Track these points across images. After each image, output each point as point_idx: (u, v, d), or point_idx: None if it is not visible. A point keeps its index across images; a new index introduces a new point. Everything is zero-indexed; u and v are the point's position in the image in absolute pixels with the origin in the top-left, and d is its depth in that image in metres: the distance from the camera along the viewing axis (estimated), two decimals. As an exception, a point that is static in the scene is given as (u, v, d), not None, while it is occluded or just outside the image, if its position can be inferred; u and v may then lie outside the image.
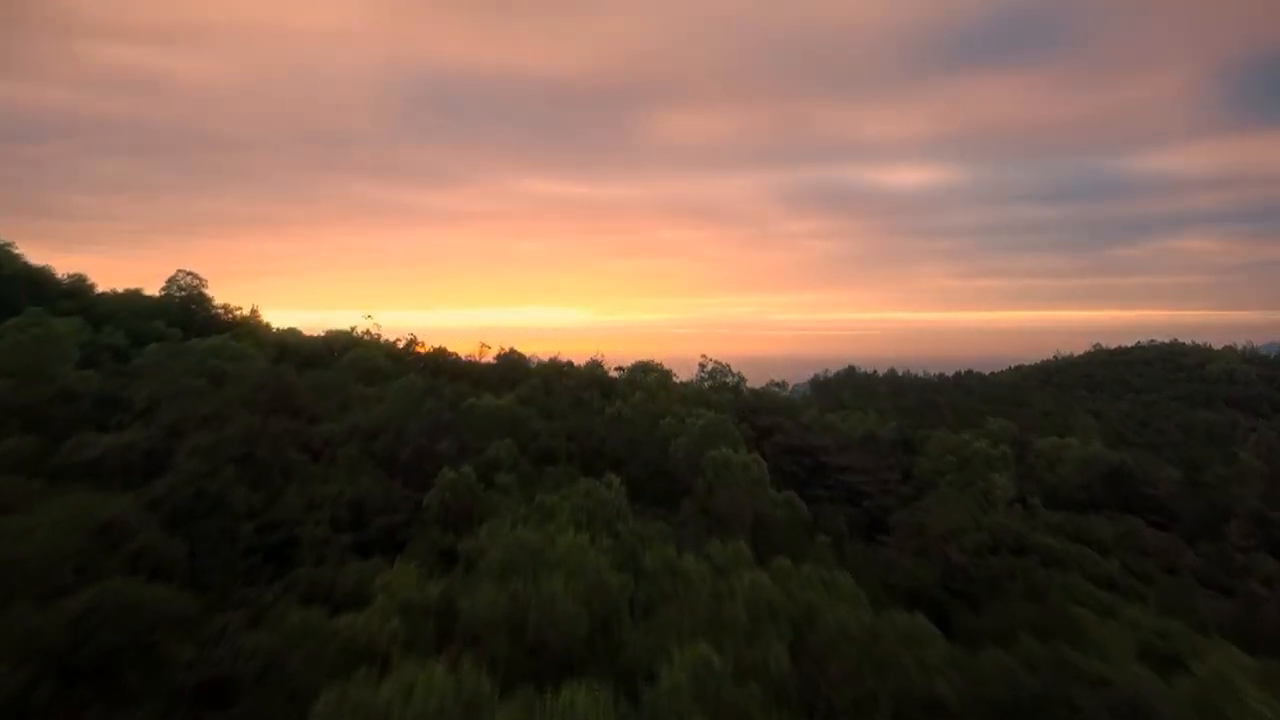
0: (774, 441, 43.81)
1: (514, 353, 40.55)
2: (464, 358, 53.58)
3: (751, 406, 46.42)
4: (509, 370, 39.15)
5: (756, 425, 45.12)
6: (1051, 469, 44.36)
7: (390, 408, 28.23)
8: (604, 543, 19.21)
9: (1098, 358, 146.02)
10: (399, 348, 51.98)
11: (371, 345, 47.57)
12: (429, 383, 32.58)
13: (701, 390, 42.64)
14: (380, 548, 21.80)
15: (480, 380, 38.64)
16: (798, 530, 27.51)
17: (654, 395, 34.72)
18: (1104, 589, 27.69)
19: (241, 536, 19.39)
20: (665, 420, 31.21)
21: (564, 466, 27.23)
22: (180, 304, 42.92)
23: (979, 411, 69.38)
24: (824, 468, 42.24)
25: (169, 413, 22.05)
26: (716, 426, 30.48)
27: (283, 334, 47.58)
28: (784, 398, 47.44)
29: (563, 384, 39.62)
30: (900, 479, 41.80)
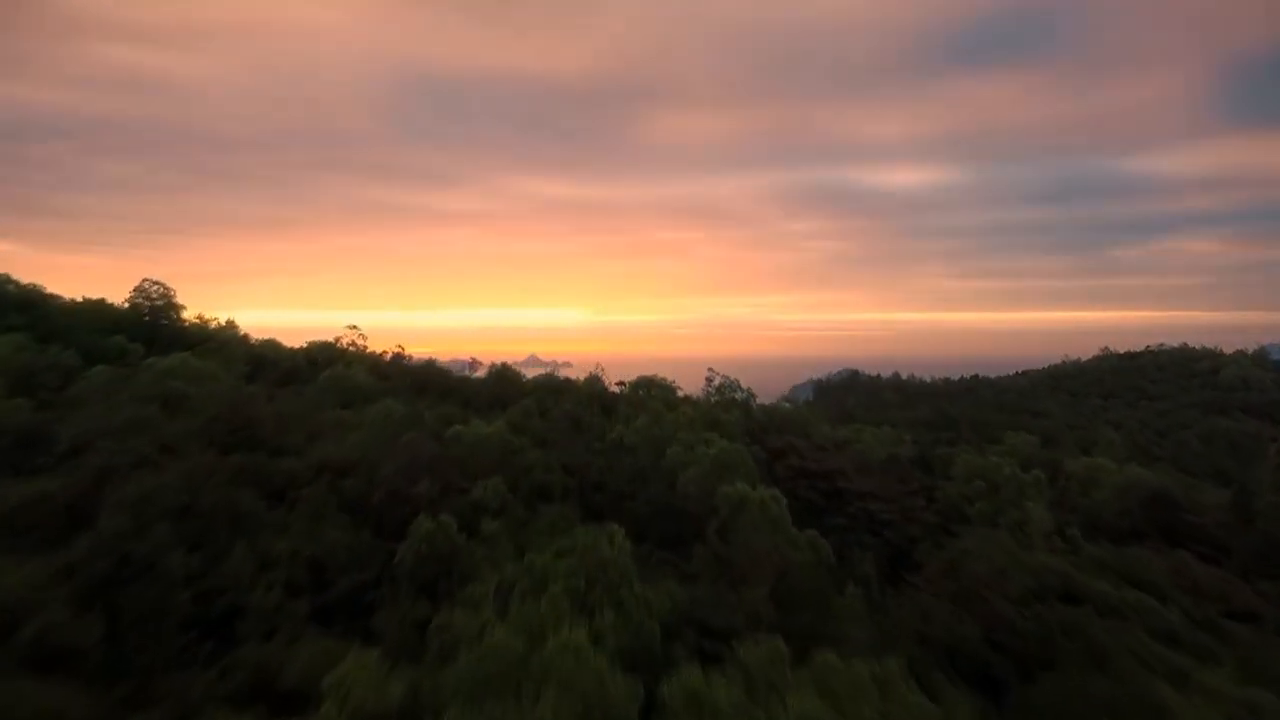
0: (788, 465, 40.79)
1: (506, 368, 37.42)
2: (455, 364, 50.55)
3: (762, 425, 43.37)
4: (501, 388, 36.07)
5: (768, 447, 42.08)
6: (1085, 493, 41.36)
7: (365, 438, 25.17)
8: (606, 618, 16.21)
9: (1107, 362, 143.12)
10: (386, 360, 48.95)
11: (355, 358, 44.49)
12: (410, 408, 29.51)
13: (709, 408, 39.58)
14: (344, 613, 18.75)
15: (470, 399, 35.56)
16: (823, 579, 24.48)
17: (659, 418, 31.67)
18: (1169, 645, 24.60)
19: (175, 608, 16.32)
20: (672, 449, 28.16)
21: (560, 507, 24.17)
22: (147, 316, 39.71)
23: (997, 424, 66.30)
24: (842, 494, 39.18)
25: (101, 453, 19.00)
26: (730, 457, 27.41)
27: (260, 347, 44.46)
28: (797, 415, 44.36)
29: (560, 403, 36.57)
30: (924, 504, 38.74)
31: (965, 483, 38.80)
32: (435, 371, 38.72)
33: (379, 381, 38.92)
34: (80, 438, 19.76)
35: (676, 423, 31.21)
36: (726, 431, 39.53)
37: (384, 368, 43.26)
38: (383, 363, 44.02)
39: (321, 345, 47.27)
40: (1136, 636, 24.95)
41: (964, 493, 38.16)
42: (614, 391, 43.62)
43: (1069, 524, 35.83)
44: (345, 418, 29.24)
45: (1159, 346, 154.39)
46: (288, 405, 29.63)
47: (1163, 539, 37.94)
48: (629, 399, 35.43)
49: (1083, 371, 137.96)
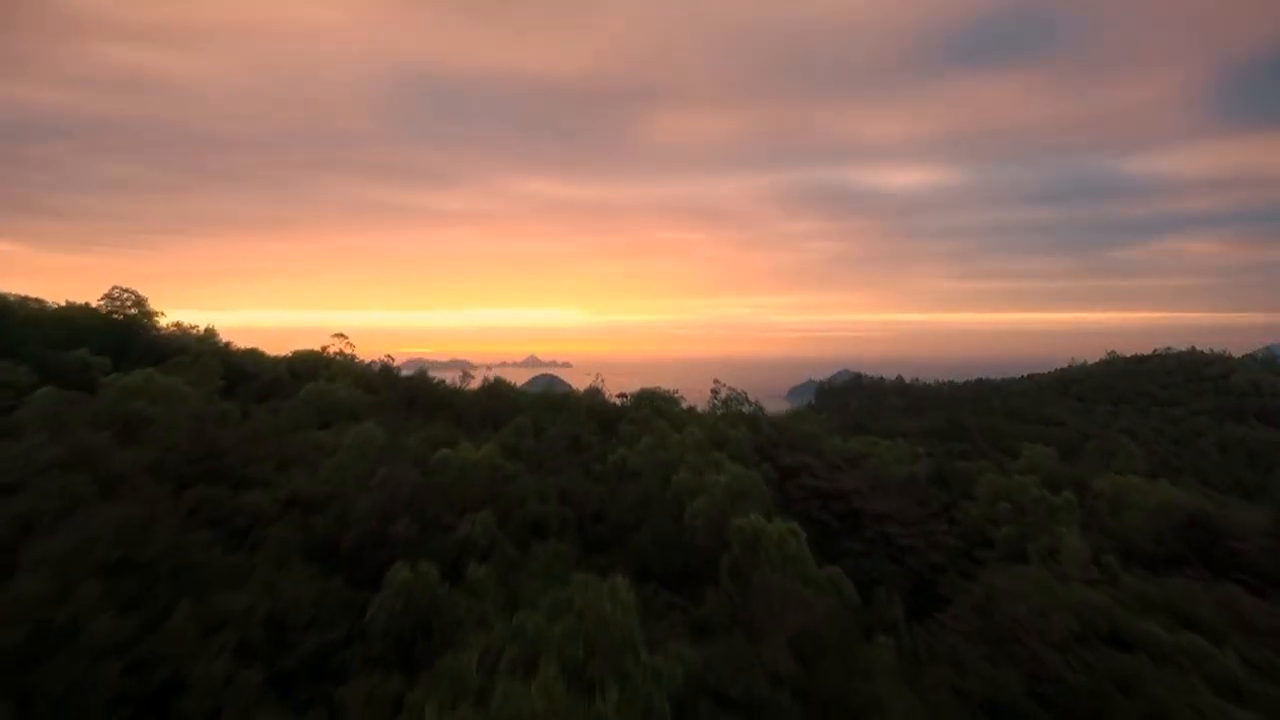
0: (800, 484, 38.42)
1: (500, 382, 35.00)
2: (453, 365, 48.14)
3: (772, 441, 40.97)
4: (493, 404, 33.65)
5: (779, 465, 39.75)
6: (1115, 514, 39.01)
7: (340, 468, 22.77)
8: (609, 698, 13.86)
9: (1115, 366, 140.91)
10: (374, 370, 46.49)
11: (341, 369, 42.12)
12: (393, 430, 27.10)
13: (715, 422, 37.16)
14: (307, 680, 16.36)
15: (462, 415, 33.15)
16: (849, 626, 22.13)
17: (664, 439, 29.29)
18: (1234, 700, 22.33)
19: (102, 684, 13.98)
20: (679, 475, 25.78)
21: (556, 544, 21.76)
22: (120, 324, 37.31)
23: (1011, 434, 63.97)
24: (859, 516, 36.83)
25: (29, 495, 16.61)
26: (742, 484, 25.01)
27: (241, 356, 42.04)
28: (807, 429, 41.97)
29: (557, 420, 34.18)
30: (945, 528, 36.37)
31: (989, 504, 36.41)
32: (424, 384, 36.27)
33: (366, 396, 36.54)
34: (9, 475, 17.36)
35: (683, 444, 28.80)
36: (735, 449, 37.18)
37: (371, 379, 40.85)
38: (370, 374, 41.61)
39: (306, 355, 44.86)
40: (1196, 689, 22.65)
41: (988, 514, 35.77)
42: (616, 404, 41.26)
43: (1103, 551, 33.46)
44: (324, 439, 26.82)
45: (1166, 350, 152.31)
46: (262, 425, 27.21)
47: (1203, 567, 35.61)
48: (632, 416, 33.00)
49: (1090, 375, 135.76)
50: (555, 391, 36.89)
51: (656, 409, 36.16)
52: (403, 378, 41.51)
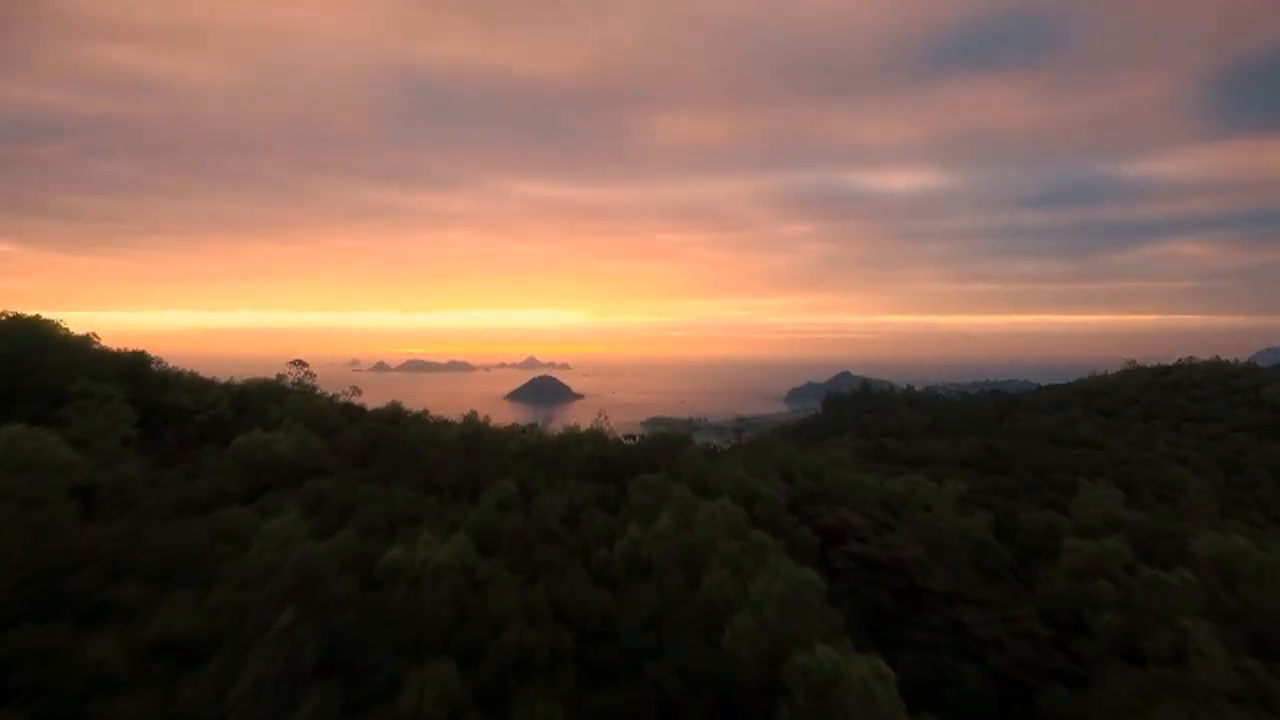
0: (845, 551, 31.94)
1: (482, 429, 28.30)
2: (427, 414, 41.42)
3: (808, 493, 34.47)
4: (473, 460, 27.00)
5: (818, 525, 33.31)
6: (1229, 588, 32.57)
7: (242, 586, 16.26)
8: None
9: (1139, 378, 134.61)
10: (337, 405, 39.73)
11: (296, 404, 35.55)
12: (340, 503, 20.65)
13: (742, 478, 30.61)
14: None
15: (432, 474, 26.52)
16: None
17: (686, 511, 22.71)
18: None
19: None
20: (712, 576, 19.31)
21: (541, 705, 15.20)
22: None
23: (1055, 466, 57.62)
24: (920, 594, 30.43)
25: None
26: (800, 595, 18.46)
27: (176, 384, 35.32)
28: (842, 472, 35.49)
29: (551, 476, 27.66)
30: (1028, 612, 29.82)
31: (1078, 578, 29.98)
32: (390, 432, 29.65)
33: (318, 441, 29.99)
34: None
35: (713, 520, 22.29)
36: (767, 507, 30.72)
37: (330, 418, 34.25)
38: (330, 411, 35.01)
39: (259, 385, 38.28)
40: None
41: (1079, 591, 29.32)
42: (624, 440, 34.78)
43: (1234, 647, 26.98)
44: (243, 524, 20.23)
45: (1189, 359, 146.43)
46: (159, 503, 20.65)
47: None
48: (645, 478, 26.39)
49: (1113, 388, 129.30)
50: (548, 435, 30.30)
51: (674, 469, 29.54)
52: (369, 416, 34.94)
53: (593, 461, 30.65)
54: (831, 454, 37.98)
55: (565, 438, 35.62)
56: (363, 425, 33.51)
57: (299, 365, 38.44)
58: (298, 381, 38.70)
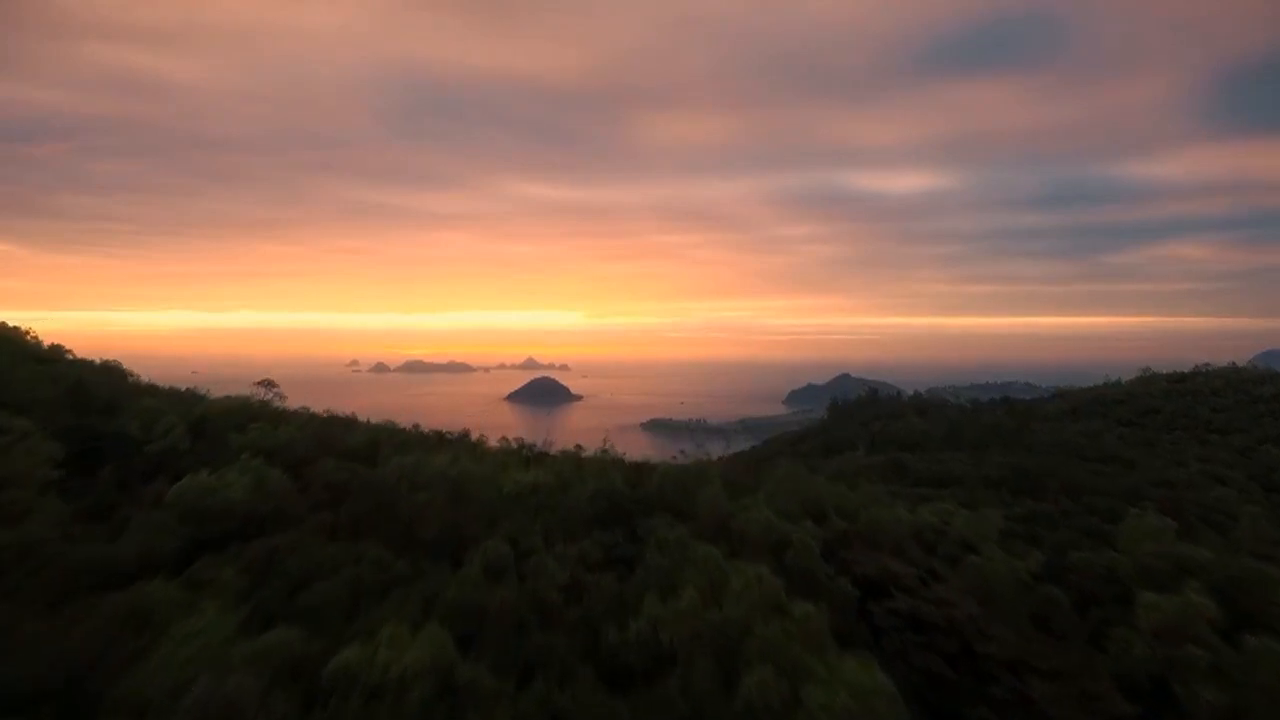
0: (891, 609, 27.97)
1: (463, 478, 24.10)
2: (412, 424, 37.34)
3: (841, 534, 30.44)
4: (458, 511, 22.82)
5: (857, 574, 29.29)
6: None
7: (138, 709, 12.33)
8: None
9: (1155, 386, 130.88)
10: (318, 419, 35.66)
11: (264, 428, 31.52)
12: (281, 585, 16.67)
13: (769, 522, 26.57)
14: None
15: (408, 527, 22.44)
16: None
17: (715, 584, 18.72)
18: None
19: None
20: (753, 676, 15.37)
21: None
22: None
23: (1091, 487, 53.66)
24: (976, 660, 26.44)
25: None
26: (868, 705, 14.49)
27: (130, 405, 31.28)
28: (884, 516, 31.47)
29: (550, 525, 23.62)
30: (1106, 682, 25.88)
31: (1157, 637, 26.03)
32: (364, 478, 25.53)
33: (284, 479, 25.94)
34: None
35: (747, 593, 18.28)
36: (801, 555, 26.72)
37: (300, 447, 30.25)
38: (300, 440, 31.01)
39: (224, 406, 34.25)
40: None
41: (1164, 656, 25.37)
42: (632, 472, 30.78)
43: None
44: (163, 600, 16.22)
45: (1206, 366, 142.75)
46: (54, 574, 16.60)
47: None
48: (660, 531, 22.32)
49: (1131, 396, 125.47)
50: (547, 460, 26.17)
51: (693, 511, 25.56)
52: (346, 447, 30.92)
53: (599, 501, 26.59)
54: (866, 489, 34.01)
55: (566, 468, 31.60)
56: (337, 458, 29.45)
57: (267, 385, 34.37)
58: (264, 402, 34.64)
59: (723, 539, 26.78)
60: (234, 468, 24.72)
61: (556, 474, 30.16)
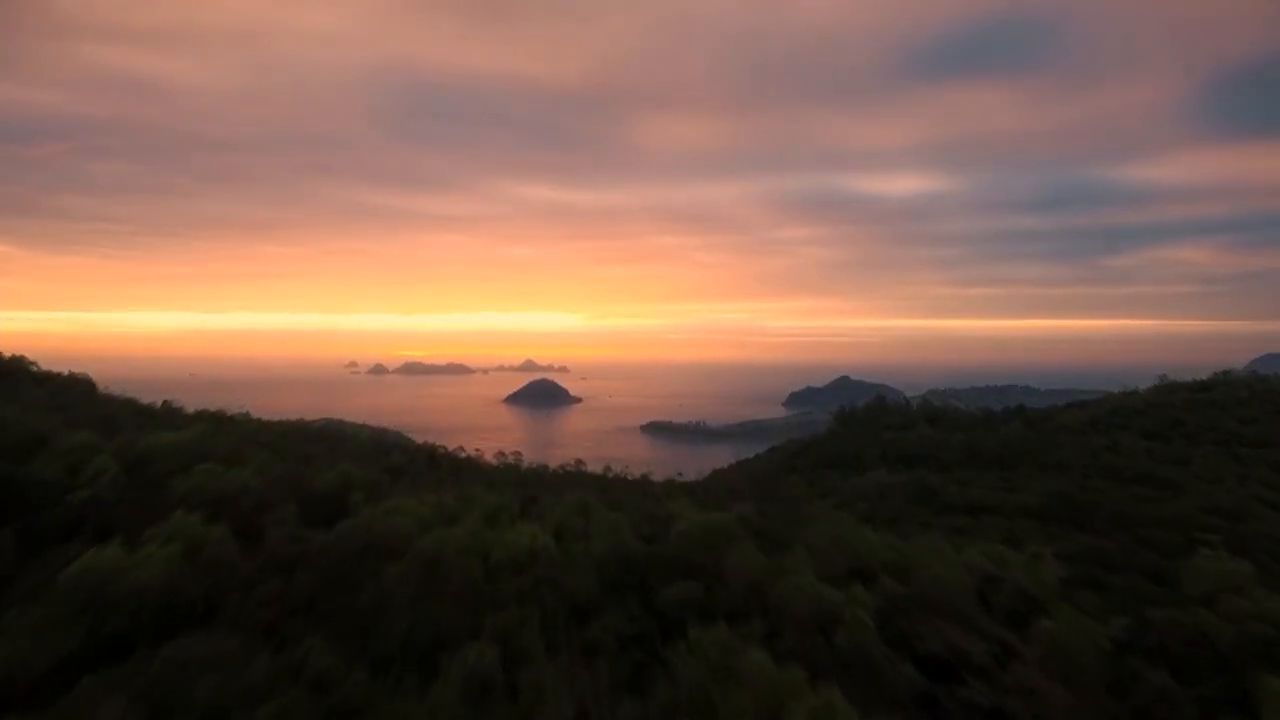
0: (965, 701, 23.36)
1: (455, 564, 19.26)
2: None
3: (895, 600, 25.82)
4: (432, 593, 18.04)
5: (920, 652, 24.72)
6: None
7: None
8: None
9: (1176, 395, 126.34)
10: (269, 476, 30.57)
11: (213, 472, 26.81)
12: None
13: (818, 596, 22.01)
14: None
15: (370, 625, 17.70)
16: None
17: (770, 709, 14.22)
18: None
19: None
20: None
21: None
22: None
23: (1138, 516, 49.09)
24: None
25: None
26: None
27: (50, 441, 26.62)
28: (947, 575, 26.78)
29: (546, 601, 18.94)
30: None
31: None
32: (317, 545, 20.78)
33: (224, 542, 21.23)
34: None
35: (772, 684, 13.61)
36: (855, 632, 22.01)
37: (255, 495, 25.57)
38: (255, 485, 26.29)
39: (171, 441, 29.50)
40: None
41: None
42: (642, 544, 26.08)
43: None
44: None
45: (1224, 374, 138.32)
46: None
47: None
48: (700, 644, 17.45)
49: (1151, 406, 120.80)
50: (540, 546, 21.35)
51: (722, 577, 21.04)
52: (311, 495, 26.22)
53: (608, 568, 21.88)
54: (921, 541, 29.35)
55: (568, 517, 26.87)
56: (300, 503, 24.76)
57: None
58: (228, 427, 29.83)
59: (757, 610, 22.26)
60: (160, 533, 19.94)
61: (557, 525, 25.42)
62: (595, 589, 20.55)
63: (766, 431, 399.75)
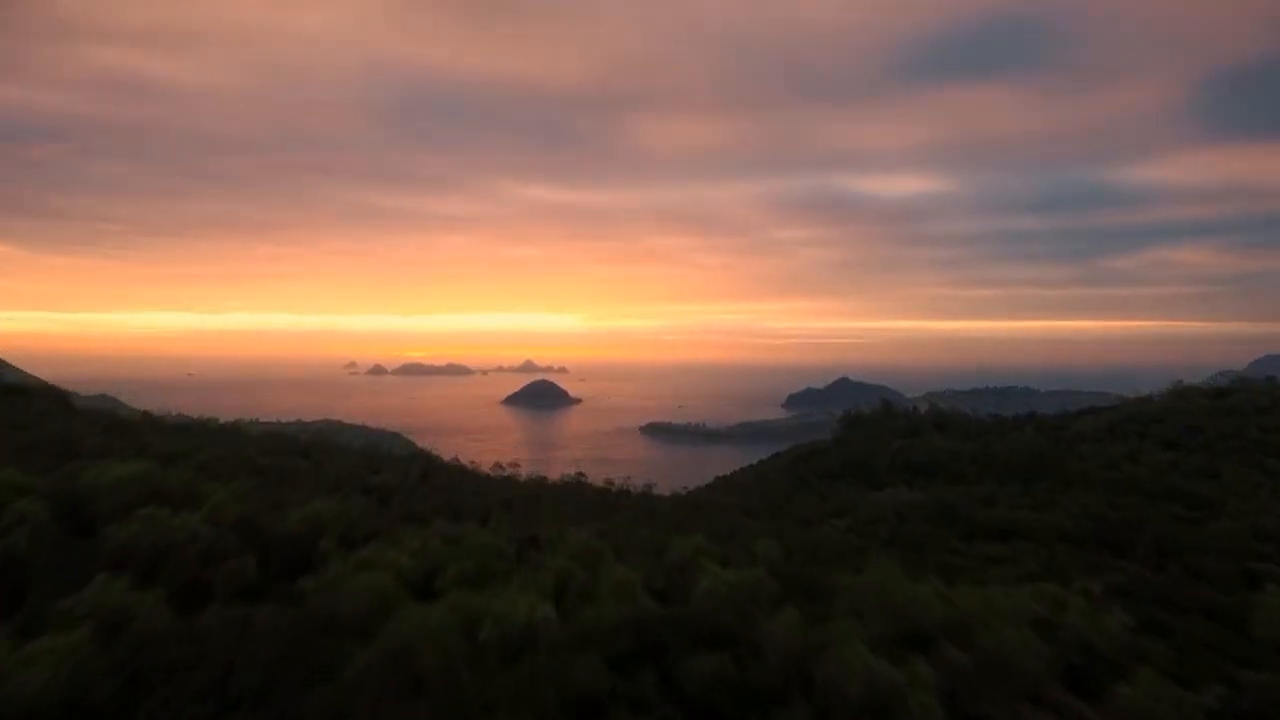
0: None
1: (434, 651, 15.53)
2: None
3: (959, 673, 22.23)
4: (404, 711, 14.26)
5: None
6: None
7: None
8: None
9: (1192, 402, 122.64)
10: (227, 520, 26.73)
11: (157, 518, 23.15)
12: None
13: (872, 674, 18.45)
14: None
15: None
16: None
17: None
18: None
19: None
20: None
21: None
22: None
23: (1189, 540, 45.53)
24: None
25: None
26: None
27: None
28: (1015, 639, 23.13)
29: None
30: None
31: None
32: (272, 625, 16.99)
33: (159, 614, 17.57)
34: None
35: None
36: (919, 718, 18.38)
37: (210, 549, 21.96)
38: (210, 538, 22.62)
39: (115, 476, 25.72)
40: None
41: None
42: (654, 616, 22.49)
43: None
44: None
45: (1240, 380, 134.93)
46: None
47: None
48: None
49: (1168, 413, 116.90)
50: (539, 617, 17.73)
51: (757, 649, 17.45)
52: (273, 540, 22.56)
53: (621, 638, 18.23)
54: (981, 595, 25.73)
55: (571, 570, 23.18)
56: (261, 551, 21.10)
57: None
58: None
59: (799, 689, 18.67)
60: (74, 606, 16.27)
61: (559, 578, 21.79)
62: (604, 673, 16.90)
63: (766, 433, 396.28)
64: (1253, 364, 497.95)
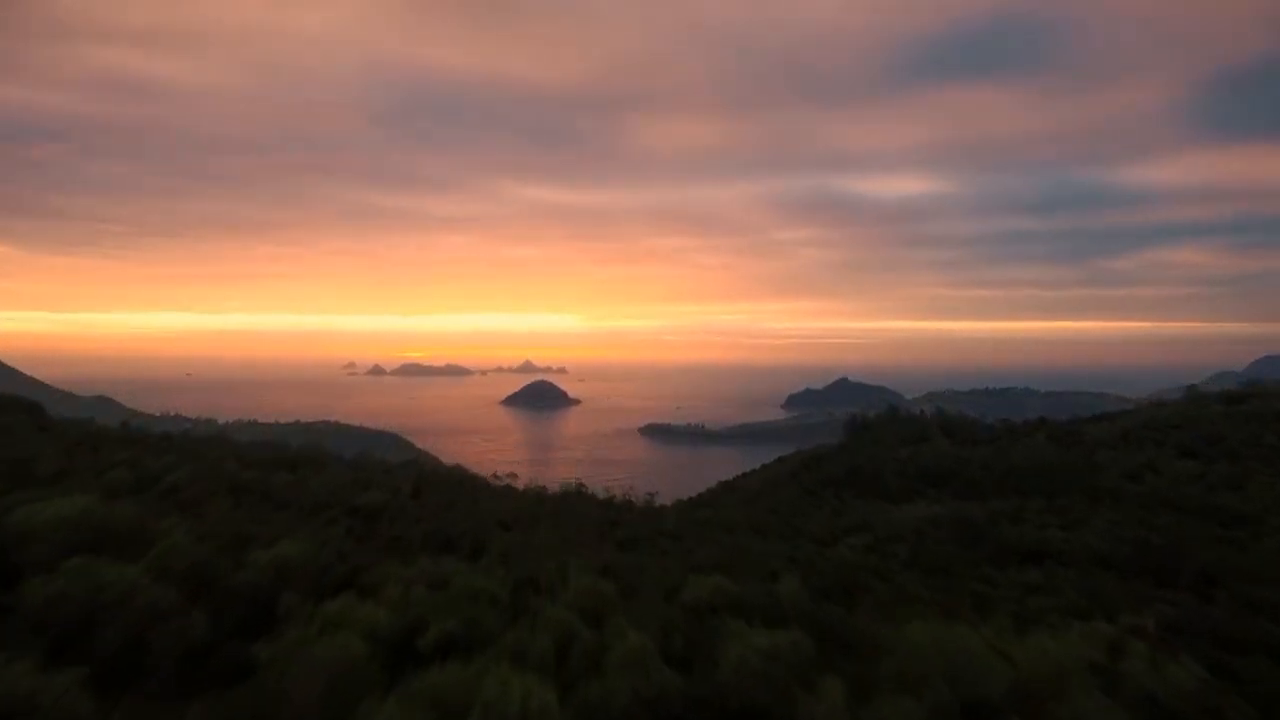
0: None
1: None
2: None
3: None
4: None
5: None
6: None
7: None
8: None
9: (1210, 408, 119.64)
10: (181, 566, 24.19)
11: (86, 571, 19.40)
12: None
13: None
14: None
15: None
16: None
17: None
18: None
19: None
20: None
21: None
22: None
23: (1237, 567, 42.36)
24: None
25: None
26: None
27: None
28: (1089, 708, 19.92)
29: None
30: None
31: None
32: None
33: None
34: None
35: None
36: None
37: (149, 606, 17.91)
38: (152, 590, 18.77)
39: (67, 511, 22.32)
40: None
41: None
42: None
43: None
44: None
45: (1253, 384, 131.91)
46: None
47: None
48: None
49: (1188, 420, 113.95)
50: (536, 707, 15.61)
51: None
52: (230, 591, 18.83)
53: (645, 713, 14.57)
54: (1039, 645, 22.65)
55: (573, 628, 20.02)
56: (215, 610, 16.80)
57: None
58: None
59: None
60: None
61: (560, 639, 18.10)
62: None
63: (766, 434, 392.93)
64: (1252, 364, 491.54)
